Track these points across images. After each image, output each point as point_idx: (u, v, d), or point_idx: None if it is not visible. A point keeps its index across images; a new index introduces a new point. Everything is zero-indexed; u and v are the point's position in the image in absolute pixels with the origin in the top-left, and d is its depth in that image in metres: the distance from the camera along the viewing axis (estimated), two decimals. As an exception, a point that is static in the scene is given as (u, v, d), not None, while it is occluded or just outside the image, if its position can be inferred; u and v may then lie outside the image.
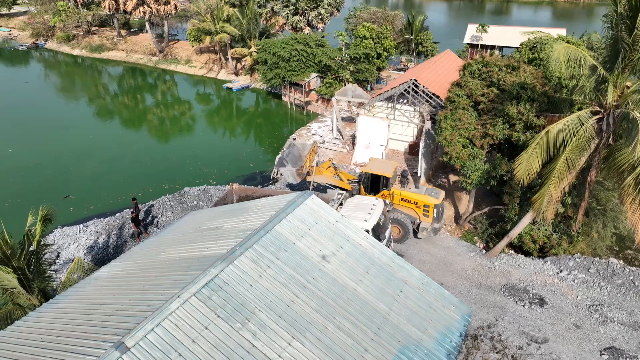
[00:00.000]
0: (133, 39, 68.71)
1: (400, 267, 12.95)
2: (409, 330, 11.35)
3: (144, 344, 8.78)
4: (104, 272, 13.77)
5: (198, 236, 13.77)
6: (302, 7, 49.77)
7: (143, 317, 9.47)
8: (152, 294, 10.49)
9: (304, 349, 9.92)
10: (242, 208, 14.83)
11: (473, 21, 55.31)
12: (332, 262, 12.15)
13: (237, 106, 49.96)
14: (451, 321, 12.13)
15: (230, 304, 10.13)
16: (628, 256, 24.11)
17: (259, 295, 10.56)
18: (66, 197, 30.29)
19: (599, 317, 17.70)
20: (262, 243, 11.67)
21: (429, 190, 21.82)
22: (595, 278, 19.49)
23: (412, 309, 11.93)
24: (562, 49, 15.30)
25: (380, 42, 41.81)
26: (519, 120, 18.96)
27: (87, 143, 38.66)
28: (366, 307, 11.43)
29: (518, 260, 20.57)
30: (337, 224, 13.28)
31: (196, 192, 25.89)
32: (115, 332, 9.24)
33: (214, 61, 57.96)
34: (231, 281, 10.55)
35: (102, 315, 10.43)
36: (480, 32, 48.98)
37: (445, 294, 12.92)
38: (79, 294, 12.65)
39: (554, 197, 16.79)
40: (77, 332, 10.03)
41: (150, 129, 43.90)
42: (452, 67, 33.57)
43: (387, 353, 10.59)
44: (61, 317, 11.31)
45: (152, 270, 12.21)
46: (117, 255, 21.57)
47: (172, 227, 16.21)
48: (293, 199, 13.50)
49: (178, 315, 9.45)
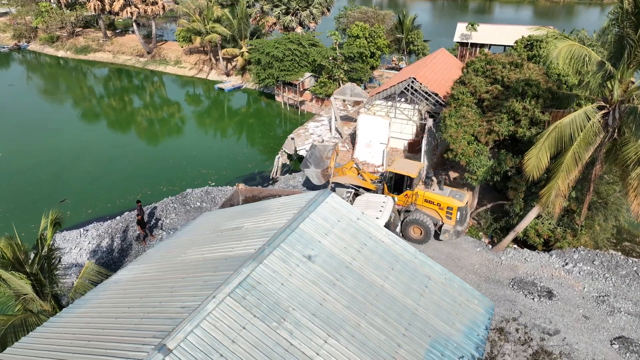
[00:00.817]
0: (119, 40, 67.72)
1: (423, 263, 13.06)
2: (437, 325, 11.46)
3: (185, 346, 8.70)
4: (123, 276, 13.58)
5: (218, 237, 13.68)
6: (294, 7, 49.71)
7: (180, 318, 9.39)
8: (184, 296, 10.40)
9: (340, 346, 9.95)
10: (260, 208, 14.77)
11: (456, 20, 55.90)
12: (358, 259, 12.20)
13: (230, 107, 49.67)
14: (476, 315, 12.29)
15: (265, 303, 10.10)
16: (626, 248, 24.73)
17: (291, 293, 10.55)
18: (62, 201, 29.76)
19: (606, 308, 18.11)
20: (289, 242, 11.65)
21: (453, 192, 21.58)
22: (600, 270, 19.93)
23: (438, 304, 12.05)
24: (566, 47, 15.62)
25: (373, 41, 42.01)
26: (525, 116, 19.28)
27: (79, 145, 38.02)
28: (395, 303, 11.50)
29: (524, 254, 20.91)
30: (358, 221, 13.33)
31: (199, 193, 25.68)
32: (154, 334, 9.14)
33: (204, 62, 57.51)
34: (263, 280, 10.52)
35: (133, 318, 10.29)
36: (470, 30, 49.54)
37: (468, 288, 13.08)
38: (100, 298, 12.45)
39: (562, 191, 17.11)
40: (110, 336, 9.88)
41: (144, 131, 43.37)
42: (448, 65, 33.93)
43: (419, 348, 10.69)
44: (87, 322, 11.12)
45: (177, 272, 12.08)
46: (123, 258, 21.34)
47: (188, 229, 16.05)
48: (314, 197, 13.49)
49: (215, 316, 9.39)
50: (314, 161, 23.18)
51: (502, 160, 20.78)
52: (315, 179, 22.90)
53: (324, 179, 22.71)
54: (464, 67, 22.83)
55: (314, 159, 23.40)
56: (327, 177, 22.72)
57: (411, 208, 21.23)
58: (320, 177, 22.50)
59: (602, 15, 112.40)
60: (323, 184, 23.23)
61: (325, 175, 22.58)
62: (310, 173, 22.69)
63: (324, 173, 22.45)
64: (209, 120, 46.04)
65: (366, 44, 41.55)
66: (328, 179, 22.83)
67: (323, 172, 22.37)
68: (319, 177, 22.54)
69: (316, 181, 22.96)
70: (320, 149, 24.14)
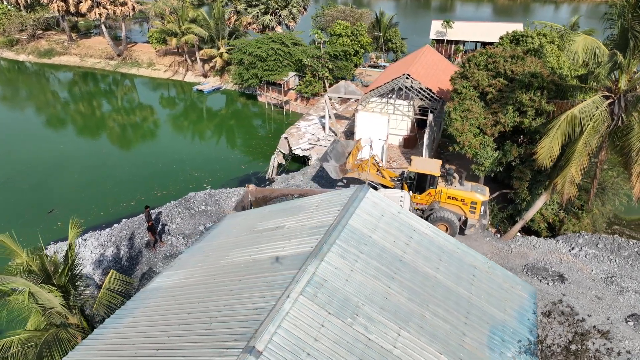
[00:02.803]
0: (86, 43, 65.12)
1: (466, 253, 13.35)
2: (492, 312, 11.76)
3: (273, 347, 8.58)
4: (162, 283, 13.18)
5: (259, 237, 13.48)
6: (273, 6, 49.36)
7: (257, 320, 9.24)
8: (251, 297, 10.21)
9: (412, 337, 10.05)
10: (295, 207, 14.66)
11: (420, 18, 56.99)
12: (408, 252, 12.34)
13: (212, 108, 48.76)
14: (522, 300, 12.69)
15: (335, 300, 10.08)
16: (616, 231, 26.05)
17: (357, 289, 10.57)
18: (51, 211, 28.41)
19: (615, 288, 19.05)
20: (343, 238, 11.65)
21: (475, 187, 21.80)
22: (604, 252, 20.94)
23: (488, 292, 12.36)
24: (582, 41, 16.37)
25: (356, 39, 42.34)
26: (531, 107, 19.99)
27: (57, 154, 36.37)
28: (451, 293, 11.72)
29: (532, 241, 21.69)
30: (400, 215, 13.48)
31: (202, 196, 25.13)
32: (234, 338, 8.95)
33: (179, 63, 56.19)
34: (328, 277, 10.48)
35: (199, 323, 10.02)
36: (445, 27, 50.75)
37: (510, 275, 13.49)
38: (146, 306, 12.04)
39: (576, 179, 17.87)
40: (181, 343, 9.60)
41: (125, 136, 41.92)
42: (435, 61, 34.67)
43: (481, 335, 10.93)
44: (144, 331, 10.74)
45: (229, 275, 11.83)
46: (134, 267, 20.65)
47: (216, 232, 15.70)
48: (354, 193, 13.53)
49: (293, 316, 9.30)
50: (335, 156, 23.43)
51: (507, 151, 21.45)
52: (333, 173, 23.09)
53: (342, 173, 22.86)
54: (465, 62, 23.40)
55: (335, 153, 23.62)
56: (344, 172, 22.86)
57: (435, 206, 21.35)
58: (338, 171, 22.68)
59: (556, 12, 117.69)
60: (340, 178, 23.42)
61: (343, 169, 22.73)
62: (328, 167, 22.88)
63: (342, 168, 22.63)
64: (193, 123, 45.05)
65: (350, 42, 41.83)
66: (346, 173, 22.97)
67: (341, 166, 22.54)
68: (337, 171, 22.71)
69: (334, 175, 23.12)
70: (343, 144, 24.54)
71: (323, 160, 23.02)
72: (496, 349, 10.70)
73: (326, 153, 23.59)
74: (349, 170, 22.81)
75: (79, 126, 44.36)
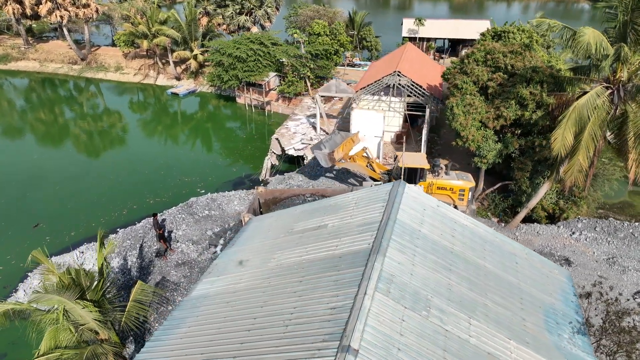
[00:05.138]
0: (44, 47, 61.88)
1: (504, 241, 13.77)
2: (540, 297, 12.19)
3: (366, 344, 8.57)
4: (207, 290, 12.82)
5: (301, 238, 13.35)
6: (248, 7, 48.69)
7: (340, 319, 9.19)
8: (323, 297, 10.12)
9: (482, 326, 10.28)
10: (331, 206, 14.61)
11: (380, 16, 57.82)
12: (456, 243, 12.59)
13: (190, 112, 47.47)
14: (562, 283, 13.22)
15: (407, 294, 10.16)
16: (601, 214, 27.53)
17: (422, 282, 10.69)
18: (36, 225, 26.83)
19: (618, 268, 20.15)
20: (397, 233, 11.75)
21: (460, 175, 22.84)
22: (602, 235, 22.10)
23: (532, 278, 12.80)
24: (592, 34, 17.24)
25: (335, 38, 42.53)
26: (532, 100, 20.80)
27: (32, 165, 34.41)
28: (502, 280, 12.06)
29: (536, 229, 22.59)
30: (439, 208, 13.73)
31: (204, 201, 24.51)
32: (322, 338, 8.87)
33: (150, 66, 54.43)
34: (394, 272, 10.55)
35: (273, 327, 9.83)
36: (418, 25, 51.85)
37: (545, 260, 14.02)
38: (198, 314, 11.67)
39: (583, 167, 18.74)
40: (260, 349, 9.38)
41: (103, 143, 39.98)
42: (419, 58, 35.37)
43: (538, 319, 11.32)
44: (209, 339, 10.41)
45: (284, 277, 11.65)
46: (145, 277, 19.89)
47: (247, 236, 15.38)
48: (392, 189, 13.64)
49: (375, 312, 9.31)
50: (330, 145, 23.82)
51: (508, 143, 22.22)
52: (322, 161, 23.48)
53: (330, 162, 23.32)
54: (465, 58, 24.04)
55: (331, 143, 24.01)
56: (333, 161, 23.34)
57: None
58: (327, 159, 23.11)
59: (509, 10, 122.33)
60: (329, 166, 23.77)
61: (331, 158, 23.18)
62: (319, 155, 23.29)
63: (330, 156, 23.03)
64: (172, 128, 43.70)
65: (329, 41, 41.96)
66: (334, 162, 23.44)
67: (330, 155, 22.91)
68: (326, 159, 23.14)
69: (323, 163, 23.52)
70: (342, 136, 24.90)
71: (316, 149, 23.41)
72: (553, 331, 11.11)
73: (321, 142, 24.14)
74: (338, 159, 23.31)
75: (51, 135, 42.09)
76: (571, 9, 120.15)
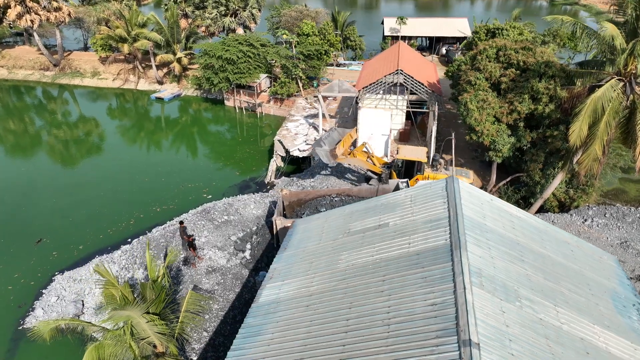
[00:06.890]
0: (11, 53, 58.90)
1: (556, 231, 14.26)
2: (602, 282, 12.72)
3: (483, 337, 8.72)
4: (276, 295, 12.64)
5: (364, 237, 13.38)
6: (233, 8, 47.96)
7: (446, 315, 9.32)
8: (417, 295, 10.21)
9: (567, 312, 10.65)
10: (383, 204, 14.70)
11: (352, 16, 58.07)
12: (518, 235, 12.95)
13: (177, 117, 46.28)
14: (613, 268, 13.82)
15: (497, 286, 10.40)
16: (599, 202, 28.86)
17: (505, 274, 10.96)
18: (39, 241, 25.56)
19: (632, 251, 21.22)
20: (468, 228, 11.98)
21: (459, 171, 23.46)
22: (612, 221, 23.19)
23: (588, 264, 13.32)
24: (612, 28, 18.10)
25: (325, 38, 42.59)
26: (545, 94, 21.58)
27: (23, 178, 32.75)
28: (567, 269, 12.50)
29: (550, 218, 23.44)
30: (492, 202, 14.07)
31: (222, 206, 24.05)
32: (436, 334, 8.98)
33: (129, 71, 52.78)
34: (480, 266, 10.76)
35: (372, 328, 9.84)
36: (400, 24, 52.61)
37: (593, 247, 14.59)
38: (278, 320, 11.50)
39: (599, 156, 19.63)
40: (366, 349, 9.37)
41: (96, 153, 38.20)
42: (414, 56, 35.94)
43: (607, 303, 11.81)
44: (302, 344, 10.29)
45: (360, 277, 11.65)
46: (176, 286, 19.34)
47: (298, 239, 15.21)
48: (447, 185, 13.88)
49: (477, 306, 9.48)
50: (330, 142, 24.21)
51: (521, 136, 22.96)
52: (324, 158, 23.71)
53: (332, 158, 23.62)
54: (476, 54, 24.63)
55: (330, 140, 24.39)
56: (335, 157, 23.66)
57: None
58: (329, 156, 23.39)
59: (472, 8, 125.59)
60: (331, 163, 24.08)
61: (333, 154, 23.48)
62: (320, 152, 23.53)
63: (332, 153, 23.31)
64: (163, 133, 42.50)
65: (319, 41, 41.98)
66: (336, 158, 23.75)
67: (331, 151, 23.15)
68: (327, 156, 23.42)
69: (325, 160, 23.77)
70: (340, 132, 25.33)
71: (316, 146, 23.70)
72: (624, 314, 11.62)
73: (320, 139, 24.47)
74: (339, 155, 23.70)
75: (37, 146, 40.04)
76: (530, 6, 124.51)
